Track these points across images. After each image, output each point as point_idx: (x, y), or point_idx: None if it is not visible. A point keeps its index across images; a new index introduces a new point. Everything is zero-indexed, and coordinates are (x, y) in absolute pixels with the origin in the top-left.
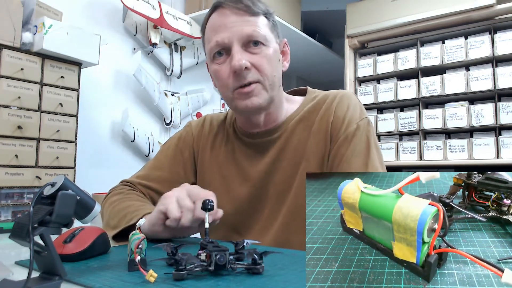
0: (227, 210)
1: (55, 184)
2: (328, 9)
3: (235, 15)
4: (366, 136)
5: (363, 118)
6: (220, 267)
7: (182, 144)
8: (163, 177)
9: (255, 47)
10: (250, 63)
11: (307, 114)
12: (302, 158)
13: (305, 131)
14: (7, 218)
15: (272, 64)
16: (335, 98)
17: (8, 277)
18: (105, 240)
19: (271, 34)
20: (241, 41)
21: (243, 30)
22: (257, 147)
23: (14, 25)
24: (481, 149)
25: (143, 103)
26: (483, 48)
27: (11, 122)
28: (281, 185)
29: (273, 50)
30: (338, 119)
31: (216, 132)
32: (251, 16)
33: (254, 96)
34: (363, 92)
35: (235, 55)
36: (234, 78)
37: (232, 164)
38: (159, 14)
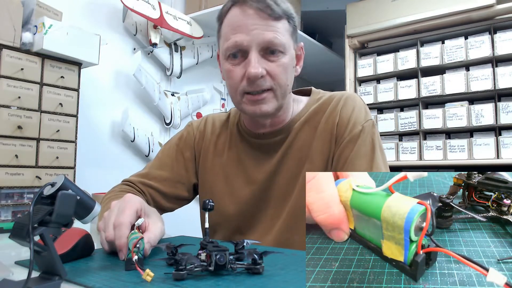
0: (230, 211)
1: (55, 184)
2: (328, 9)
3: (258, 17)
4: (371, 138)
5: (368, 120)
6: (220, 267)
7: (183, 144)
8: (164, 176)
9: (272, 55)
10: (266, 71)
11: (312, 115)
12: (306, 159)
13: (310, 132)
14: (7, 218)
15: (287, 72)
16: (340, 100)
17: (8, 277)
18: (88, 242)
19: (290, 40)
20: (260, 46)
21: (264, 36)
22: (263, 148)
23: (14, 25)
24: (481, 149)
25: (143, 103)
26: (483, 48)
27: (11, 122)
28: (285, 185)
29: (289, 57)
30: (343, 121)
31: (219, 133)
32: (273, 21)
33: (263, 103)
34: (363, 92)
35: (252, 62)
36: (247, 83)
37: (237, 165)
38: (159, 14)
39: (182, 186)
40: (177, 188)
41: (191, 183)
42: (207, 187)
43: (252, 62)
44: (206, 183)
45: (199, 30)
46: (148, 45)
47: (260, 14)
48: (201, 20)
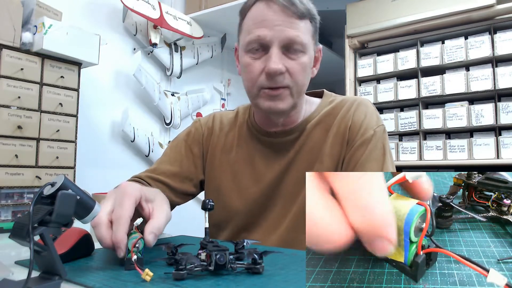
0: (237, 208)
1: (55, 184)
2: (328, 9)
3: (283, 14)
4: (382, 143)
5: (380, 125)
6: (220, 267)
7: (191, 140)
8: (172, 171)
9: (293, 53)
10: (286, 68)
11: (324, 117)
12: (316, 160)
13: (322, 133)
14: (7, 218)
15: (306, 72)
16: (353, 104)
17: (8, 277)
18: (88, 241)
19: (312, 40)
20: (282, 43)
21: (287, 34)
22: (275, 147)
23: (14, 25)
24: (481, 149)
25: (143, 103)
26: (483, 48)
27: (11, 122)
28: (293, 185)
29: (309, 58)
30: (355, 125)
31: (227, 131)
32: (297, 19)
33: (279, 100)
34: (363, 92)
35: (273, 57)
36: (266, 78)
37: (246, 163)
38: (159, 14)
39: (190, 182)
40: (185, 184)
41: (198, 179)
42: (214, 184)
43: (273, 58)
44: (213, 180)
45: (199, 30)
46: (148, 45)
47: (285, 11)
48: (201, 20)
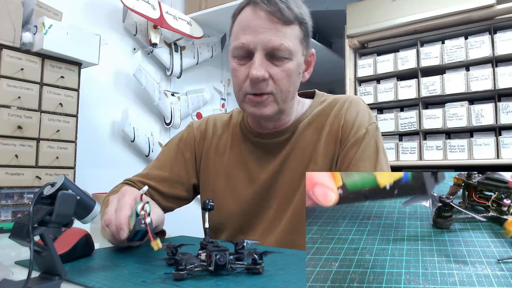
0: (232, 210)
1: (55, 184)
2: (328, 9)
3: (268, 21)
4: (375, 140)
5: (372, 123)
6: (220, 267)
7: (183, 144)
8: (163, 176)
9: (278, 60)
10: (269, 74)
11: (316, 117)
12: (310, 160)
13: (315, 133)
14: (7, 218)
15: (291, 79)
16: (344, 103)
17: (8, 277)
18: (88, 241)
19: (300, 46)
20: (266, 51)
21: (270, 41)
22: (267, 148)
23: (14, 25)
24: (481, 149)
25: (143, 103)
26: (483, 48)
27: (11, 122)
28: (288, 186)
29: (295, 64)
30: (348, 123)
31: (220, 133)
32: (283, 25)
33: (263, 106)
34: (363, 92)
35: (256, 64)
36: (250, 84)
37: (239, 165)
38: (159, 14)
39: (181, 186)
40: (175, 188)
41: (190, 183)
42: (208, 187)
43: (256, 64)
44: (207, 183)
45: (199, 30)
46: (148, 45)
47: (270, 18)
48: (201, 20)
